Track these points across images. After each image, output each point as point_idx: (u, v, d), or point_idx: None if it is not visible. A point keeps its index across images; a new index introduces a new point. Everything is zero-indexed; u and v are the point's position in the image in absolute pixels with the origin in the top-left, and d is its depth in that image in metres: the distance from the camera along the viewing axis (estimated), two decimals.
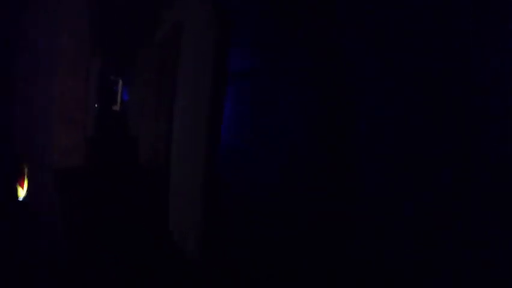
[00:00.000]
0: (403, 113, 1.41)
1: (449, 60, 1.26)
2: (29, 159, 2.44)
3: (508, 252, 1.05)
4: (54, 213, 3.11)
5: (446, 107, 1.28)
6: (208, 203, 2.44)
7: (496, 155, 1.09)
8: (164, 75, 7.94)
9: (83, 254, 3.61)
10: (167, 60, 7.87)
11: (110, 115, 15.52)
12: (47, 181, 2.88)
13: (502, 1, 1.10)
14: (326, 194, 1.74)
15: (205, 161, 2.64)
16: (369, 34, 1.52)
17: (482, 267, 1.14)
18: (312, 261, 1.77)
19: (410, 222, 1.36)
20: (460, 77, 1.22)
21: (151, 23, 7.71)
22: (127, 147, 9.79)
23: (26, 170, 2.11)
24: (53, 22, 6.09)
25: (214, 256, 2.62)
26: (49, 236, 2.88)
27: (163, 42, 7.07)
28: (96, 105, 11.57)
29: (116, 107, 17.29)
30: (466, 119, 1.20)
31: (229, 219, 2.24)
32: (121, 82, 16.92)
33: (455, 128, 1.23)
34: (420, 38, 1.34)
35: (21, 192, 2.08)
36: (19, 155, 2.18)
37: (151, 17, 7.47)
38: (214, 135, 2.26)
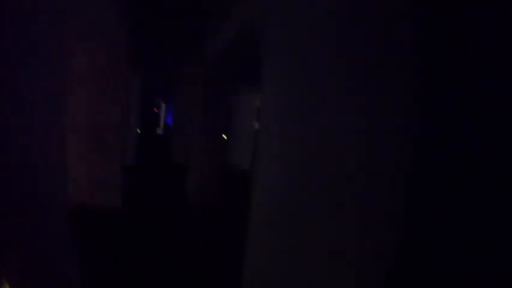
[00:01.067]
0: None
1: None
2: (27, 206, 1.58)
3: None
4: None
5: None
6: None
7: None
8: (219, 89, 6.75)
9: None
10: (221, 72, 6.69)
11: (153, 141, 14.54)
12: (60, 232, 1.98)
13: None
14: None
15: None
16: None
17: None
18: None
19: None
20: None
21: (203, 32, 6.63)
22: (173, 178, 8.68)
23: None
24: (74, 33, 5.08)
25: None
26: None
27: (224, 49, 5.91)
28: (138, 130, 10.69)
29: (160, 130, 16.40)
30: None
31: None
32: (164, 105, 15.99)
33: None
34: None
35: None
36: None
37: (202, 26, 6.39)
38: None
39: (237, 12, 4.63)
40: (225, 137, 10.70)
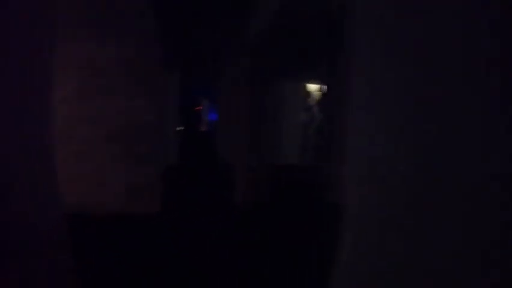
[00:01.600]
0: None
1: None
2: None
3: None
4: None
5: None
6: None
7: None
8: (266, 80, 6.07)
9: None
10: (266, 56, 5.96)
11: (196, 139, 14.10)
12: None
13: None
14: None
15: None
16: None
17: None
18: None
19: None
20: None
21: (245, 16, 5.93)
22: (218, 177, 8.11)
23: None
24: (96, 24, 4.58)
25: None
26: None
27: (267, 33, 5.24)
28: (178, 129, 10.22)
29: (203, 128, 15.94)
30: None
31: None
32: (206, 102, 15.54)
33: None
34: None
35: None
36: None
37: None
38: None
39: None
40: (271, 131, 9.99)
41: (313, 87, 10.24)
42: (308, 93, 10.28)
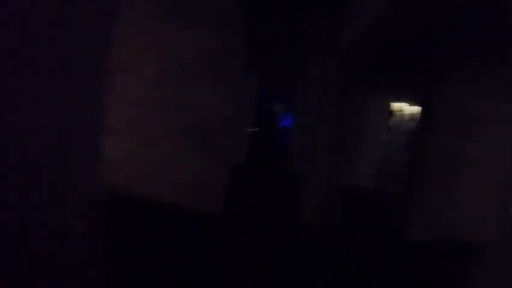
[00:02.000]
0: None
1: None
2: None
3: None
4: None
5: None
6: None
7: None
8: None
9: None
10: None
11: (268, 144, 13.77)
12: None
13: None
14: None
15: None
16: None
17: None
18: None
19: None
20: None
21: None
22: (286, 188, 7.78)
23: None
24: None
25: None
26: None
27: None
28: (248, 130, 9.95)
29: (274, 132, 15.57)
30: None
31: None
32: (281, 106, 15.19)
33: None
34: None
35: None
36: None
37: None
38: None
39: None
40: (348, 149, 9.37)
41: (397, 106, 9.49)
42: (392, 113, 9.54)
